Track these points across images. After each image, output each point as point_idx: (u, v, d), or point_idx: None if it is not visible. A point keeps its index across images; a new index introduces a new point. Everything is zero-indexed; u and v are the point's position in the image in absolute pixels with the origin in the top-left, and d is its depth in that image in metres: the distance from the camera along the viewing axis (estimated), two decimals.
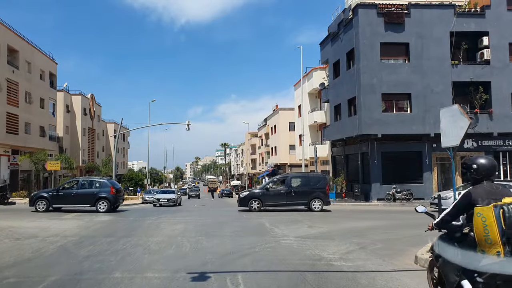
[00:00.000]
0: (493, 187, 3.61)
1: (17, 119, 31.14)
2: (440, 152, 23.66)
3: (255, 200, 18.79)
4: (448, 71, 24.45)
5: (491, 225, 3.24)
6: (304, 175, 21.66)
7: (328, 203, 19.24)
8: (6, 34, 30.17)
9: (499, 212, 3.24)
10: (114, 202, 18.92)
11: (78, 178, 21.06)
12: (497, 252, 3.22)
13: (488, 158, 3.85)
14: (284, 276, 6.39)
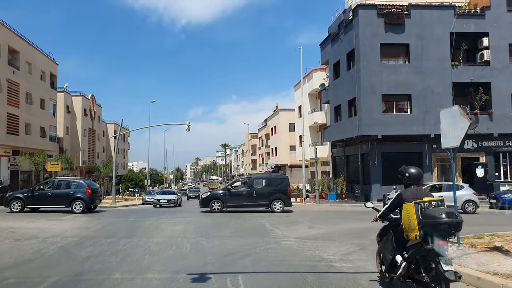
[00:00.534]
0: (417, 190, 4.91)
1: (18, 120, 31.15)
2: (440, 153, 23.67)
3: (216, 201, 18.72)
4: (448, 72, 24.46)
5: (412, 216, 4.48)
6: (267, 177, 21.63)
7: (290, 204, 19.32)
8: (6, 35, 30.19)
9: (418, 207, 4.47)
10: (90, 202, 18.92)
11: (54, 179, 21.12)
12: (415, 236, 4.44)
13: (417, 168, 5.12)
14: (284, 277, 6.39)
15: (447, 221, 4.26)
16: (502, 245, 7.64)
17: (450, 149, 8.11)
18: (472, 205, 18.93)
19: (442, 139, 8.25)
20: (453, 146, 7.95)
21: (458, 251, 7.44)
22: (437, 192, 19.30)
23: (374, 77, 24.16)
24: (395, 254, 4.95)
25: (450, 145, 8.01)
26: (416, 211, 4.49)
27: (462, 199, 18.84)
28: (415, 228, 4.45)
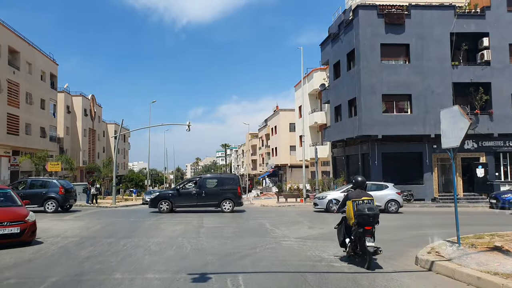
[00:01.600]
0: (359, 192, 7.14)
1: (18, 120, 31.17)
2: (440, 153, 23.66)
3: (165, 201, 18.52)
4: (448, 72, 24.45)
5: (350, 209, 6.89)
6: (217, 176, 21.26)
7: (240, 204, 19.13)
8: (7, 35, 30.21)
9: (354, 204, 6.85)
10: (63, 202, 18.91)
11: (27, 178, 21.14)
12: (353, 222, 6.84)
13: (361, 177, 7.42)
14: (284, 277, 6.40)
15: (368, 213, 6.68)
16: (502, 245, 7.64)
17: (450, 149, 8.11)
18: (395, 204, 18.88)
19: (442, 139, 8.24)
20: (453, 146, 7.95)
21: (458, 251, 7.44)
22: None
23: (374, 77, 24.16)
24: (345, 237, 7.31)
25: (450, 145, 8.01)
26: (353, 206, 6.85)
27: (385, 199, 18.89)
28: (352, 217, 6.84)
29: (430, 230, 11.47)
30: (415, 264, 7.17)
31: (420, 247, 8.17)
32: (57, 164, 30.75)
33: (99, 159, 57.59)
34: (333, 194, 20.00)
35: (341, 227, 7.49)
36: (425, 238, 9.57)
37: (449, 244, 8.17)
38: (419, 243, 8.89)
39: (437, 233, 10.21)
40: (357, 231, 6.80)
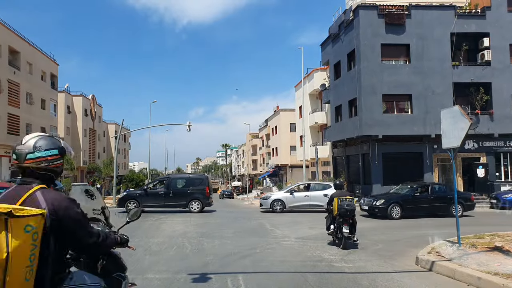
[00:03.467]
0: (341, 192, 9.46)
1: (18, 120, 31.19)
2: (441, 153, 23.64)
3: (132, 201, 18.45)
4: (449, 72, 24.43)
5: (335, 204, 8.91)
6: (185, 176, 21.26)
7: (208, 204, 19.00)
8: (7, 35, 30.23)
9: (339, 200, 8.82)
10: None
11: (15, 179, 21.10)
12: (336, 213, 8.86)
13: (340, 181, 10.26)
14: (285, 277, 6.40)
15: (346, 208, 8.73)
16: (503, 245, 7.63)
17: (451, 149, 8.11)
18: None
19: (443, 139, 8.24)
20: (453, 146, 7.95)
21: (458, 251, 7.43)
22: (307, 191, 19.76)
23: (375, 77, 24.15)
24: (330, 224, 9.42)
25: (450, 145, 8.01)
26: (338, 202, 8.88)
27: None
28: (336, 210, 8.89)
29: (430, 230, 11.46)
30: (416, 264, 7.17)
31: (420, 247, 8.17)
32: None
33: (100, 159, 57.61)
34: (277, 195, 20.16)
35: (328, 216, 9.65)
36: (425, 238, 9.57)
37: (449, 244, 8.17)
38: (419, 243, 8.89)
39: (437, 233, 10.20)
40: (338, 220, 8.96)
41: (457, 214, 8.24)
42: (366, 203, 16.74)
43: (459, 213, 15.82)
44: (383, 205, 15.76)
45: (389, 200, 15.93)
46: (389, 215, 15.48)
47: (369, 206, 16.24)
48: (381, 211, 15.69)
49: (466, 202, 16.91)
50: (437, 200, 16.56)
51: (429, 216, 15.74)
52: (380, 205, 15.81)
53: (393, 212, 15.65)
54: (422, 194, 16.88)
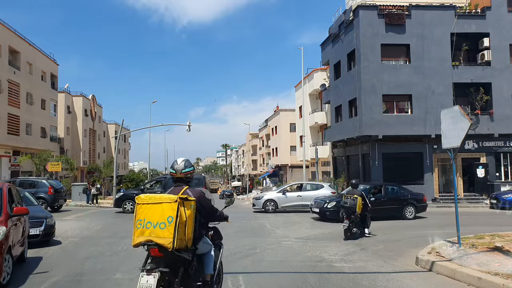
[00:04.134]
0: (352, 191, 11.09)
1: (18, 120, 31.17)
2: (441, 153, 23.65)
3: (129, 201, 18.49)
4: (449, 72, 24.43)
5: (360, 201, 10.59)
6: None
7: None
8: (7, 35, 30.22)
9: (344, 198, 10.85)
10: (53, 202, 18.95)
11: (15, 179, 21.18)
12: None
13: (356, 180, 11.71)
14: (285, 277, 6.40)
15: (343, 205, 10.73)
16: (503, 245, 7.63)
17: (451, 149, 8.11)
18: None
19: (443, 139, 8.24)
20: (453, 147, 7.95)
21: (458, 251, 7.43)
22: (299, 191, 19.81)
23: (375, 77, 24.15)
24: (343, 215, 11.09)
25: (450, 145, 8.01)
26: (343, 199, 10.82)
27: None
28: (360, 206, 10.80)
29: (431, 230, 11.46)
30: (416, 265, 7.17)
31: (420, 247, 8.17)
32: (57, 164, 30.72)
33: (100, 159, 57.58)
34: (270, 195, 20.08)
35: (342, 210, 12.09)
36: (426, 238, 9.58)
37: (449, 244, 8.17)
38: (420, 243, 8.90)
39: (438, 233, 10.21)
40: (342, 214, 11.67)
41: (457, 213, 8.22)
42: (317, 205, 14.91)
43: (411, 215, 15.27)
44: (334, 208, 14.19)
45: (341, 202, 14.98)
46: (342, 218, 12.86)
47: (320, 209, 14.65)
48: (333, 214, 14.15)
49: (419, 203, 15.75)
50: (391, 202, 15.24)
51: (383, 219, 14.37)
52: (331, 207, 14.29)
53: None
54: (375, 195, 15.24)
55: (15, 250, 6.38)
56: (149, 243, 3.55)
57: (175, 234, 3.49)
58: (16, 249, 6.48)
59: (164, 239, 3.50)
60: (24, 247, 7.31)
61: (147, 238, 3.57)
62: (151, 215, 3.60)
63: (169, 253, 3.52)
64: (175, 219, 3.52)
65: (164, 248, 3.51)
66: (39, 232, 8.89)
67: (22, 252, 7.15)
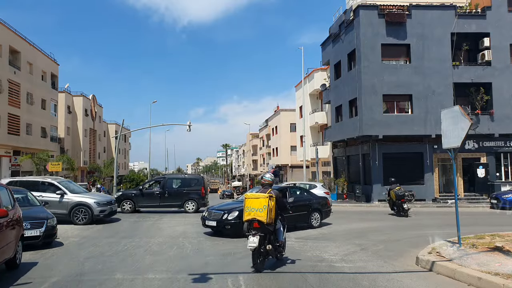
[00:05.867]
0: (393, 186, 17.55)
1: (19, 120, 31.18)
2: (441, 153, 23.65)
3: (128, 201, 18.35)
4: (449, 72, 24.43)
5: (393, 194, 17.23)
6: (181, 177, 21.20)
7: (203, 205, 18.66)
8: (8, 35, 30.23)
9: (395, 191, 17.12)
10: None
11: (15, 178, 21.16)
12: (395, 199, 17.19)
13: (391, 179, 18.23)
14: (285, 277, 6.40)
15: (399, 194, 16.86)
16: (503, 245, 7.63)
17: (451, 149, 8.11)
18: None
19: (443, 139, 8.24)
20: (454, 147, 7.95)
21: (459, 251, 7.43)
22: None
23: (375, 77, 24.15)
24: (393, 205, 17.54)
25: (451, 145, 8.01)
26: (394, 192, 17.01)
27: None
28: (394, 196, 16.99)
29: (431, 230, 11.46)
30: (416, 265, 7.17)
31: (420, 247, 8.17)
32: (58, 164, 30.75)
33: (100, 159, 57.62)
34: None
35: (390, 201, 17.54)
36: (426, 238, 9.57)
37: (450, 244, 8.16)
38: (420, 243, 8.89)
39: (438, 233, 10.20)
40: (397, 202, 16.80)
41: (457, 214, 8.20)
42: (213, 217, 11.13)
43: (317, 223, 12.77)
44: (237, 220, 10.37)
45: None
46: (245, 232, 9.78)
47: (218, 221, 10.83)
48: (235, 227, 10.44)
49: (324, 208, 13.44)
50: (298, 208, 12.30)
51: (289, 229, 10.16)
52: (233, 219, 10.62)
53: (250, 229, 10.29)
54: None
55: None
56: (253, 220, 6.56)
57: (267, 215, 6.49)
58: None
59: (261, 217, 6.49)
60: (15, 251, 6.62)
61: (252, 217, 6.56)
62: (253, 204, 6.61)
63: (263, 225, 6.53)
64: (267, 207, 6.51)
65: (261, 222, 6.51)
66: (40, 233, 8.68)
67: (13, 257, 6.58)
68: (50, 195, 13.56)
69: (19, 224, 7.05)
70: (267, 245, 6.63)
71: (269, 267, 6.96)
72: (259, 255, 6.61)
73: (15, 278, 6.19)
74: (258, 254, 6.58)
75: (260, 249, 6.58)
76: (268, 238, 6.71)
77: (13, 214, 6.71)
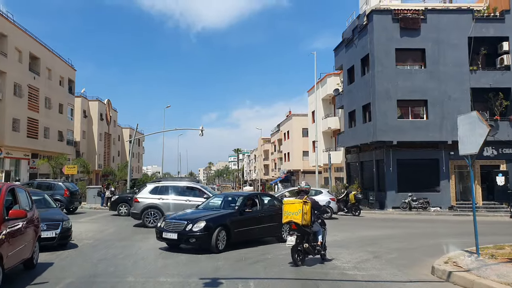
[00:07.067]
0: None
1: (37, 124, 31.89)
2: (458, 160, 23.14)
3: (124, 204, 18.72)
4: (466, 77, 23.98)
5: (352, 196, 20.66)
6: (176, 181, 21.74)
7: None
8: (28, 42, 31.05)
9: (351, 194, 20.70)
10: (69, 204, 19.30)
11: (33, 181, 21.76)
12: None
13: None
14: (297, 284, 6.32)
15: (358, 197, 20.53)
16: None
17: (468, 156, 7.92)
18: (328, 210, 16.67)
19: (460, 146, 8.05)
20: (471, 153, 7.76)
21: (477, 262, 7.22)
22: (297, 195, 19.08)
23: (389, 82, 23.88)
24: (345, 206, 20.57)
25: (468, 152, 7.82)
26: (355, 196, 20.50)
27: None
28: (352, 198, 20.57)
29: (447, 239, 11.20)
30: (431, 274, 6.99)
31: (436, 257, 7.97)
32: (73, 167, 31.25)
33: (114, 162, 58.36)
34: None
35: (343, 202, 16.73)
36: (441, 247, 9.36)
37: (467, 254, 7.94)
38: (436, 253, 8.69)
39: (455, 243, 9.96)
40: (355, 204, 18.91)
41: (475, 222, 7.98)
42: (173, 228, 9.17)
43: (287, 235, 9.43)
44: (204, 231, 8.89)
45: (216, 222, 9.19)
46: (214, 246, 8.91)
47: (180, 234, 8.99)
48: (201, 240, 8.91)
49: None
50: (269, 218, 10.49)
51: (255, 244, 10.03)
52: (198, 231, 8.88)
53: (219, 241, 9.07)
54: (251, 210, 10.32)
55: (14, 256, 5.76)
56: (290, 222, 7.50)
57: (302, 217, 7.38)
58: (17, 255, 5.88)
59: (297, 219, 7.38)
60: (32, 252, 6.73)
61: (289, 219, 7.47)
62: (290, 209, 7.53)
63: (299, 227, 7.43)
64: (301, 211, 7.38)
65: (297, 224, 7.39)
66: (55, 235, 8.81)
67: (30, 258, 6.70)
68: None
69: (37, 225, 7.16)
70: (304, 244, 7.51)
71: (280, 274, 6.88)
72: (297, 252, 7.51)
73: (31, 278, 6.28)
74: (296, 252, 7.48)
75: (297, 247, 7.46)
76: (306, 238, 7.59)
77: (31, 215, 6.83)
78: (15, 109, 28.60)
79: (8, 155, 28.78)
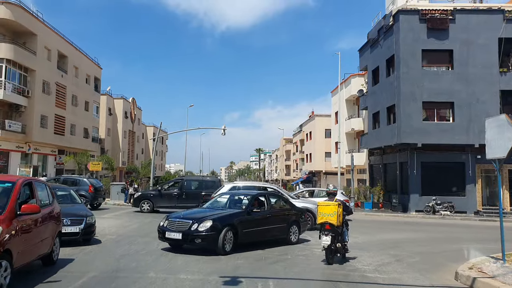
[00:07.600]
0: None
1: (64, 121, 32.93)
2: (485, 164, 22.41)
3: (146, 201, 18.96)
4: (496, 79, 23.18)
5: None
6: (198, 179, 21.60)
7: None
8: (56, 41, 32.10)
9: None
10: (93, 200, 19.65)
11: (60, 176, 22.35)
12: None
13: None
14: (316, 285, 6.30)
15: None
16: None
17: (496, 160, 7.68)
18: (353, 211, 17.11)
19: (487, 149, 7.82)
20: (499, 157, 7.53)
21: (502, 268, 6.99)
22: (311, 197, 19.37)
23: (415, 84, 23.37)
24: None
25: (495, 156, 7.59)
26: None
27: None
28: None
29: (471, 245, 10.89)
30: (455, 280, 6.82)
31: (460, 262, 7.78)
32: (98, 164, 32.11)
33: (138, 160, 59.53)
34: None
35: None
36: (466, 252, 9.10)
37: (493, 260, 7.71)
38: (459, 258, 8.48)
39: (479, 248, 9.67)
40: None
41: (502, 228, 7.72)
42: (177, 227, 8.76)
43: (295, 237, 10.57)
44: (212, 231, 8.48)
45: (223, 222, 8.77)
46: (220, 247, 8.52)
47: (184, 233, 8.54)
48: (207, 240, 8.48)
49: (303, 220, 11.27)
50: (277, 218, 10.25)
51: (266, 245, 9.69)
52: (204, 231, 8.46)
53: (226, 242, 8.68)
54: (259, 210, 9.95)
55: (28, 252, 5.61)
56: (325, 223, 7.82)
57: (337, 218, 7.79)
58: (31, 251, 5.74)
59: (332, 220, 7.78)
60: (51, 248, 6.63)
61: (325, 220, 7.83)
62: (325, 210, 7.91)
63: (333, 227, 7.80)
64: (336, 212, 7.79)
65: (332, 225, 7.79)
66: (79, 230, 9.01)
67: (49, 254, 6.62)
68: None
69: (57, 220, 7.01)
70: (336, 243, 7.94)
71: (299, 274, 6.87)
72: (331, 252, 7.90)
73: (54, 271, 6.51)
74: (330, 251, 7.88)
75: (331, 246, 7.86)
76: (338, 238, 8.00)
77: (50, 210, 6.72)
78: (43, 106, 29.60)
79: (36, 151, 29.86)
